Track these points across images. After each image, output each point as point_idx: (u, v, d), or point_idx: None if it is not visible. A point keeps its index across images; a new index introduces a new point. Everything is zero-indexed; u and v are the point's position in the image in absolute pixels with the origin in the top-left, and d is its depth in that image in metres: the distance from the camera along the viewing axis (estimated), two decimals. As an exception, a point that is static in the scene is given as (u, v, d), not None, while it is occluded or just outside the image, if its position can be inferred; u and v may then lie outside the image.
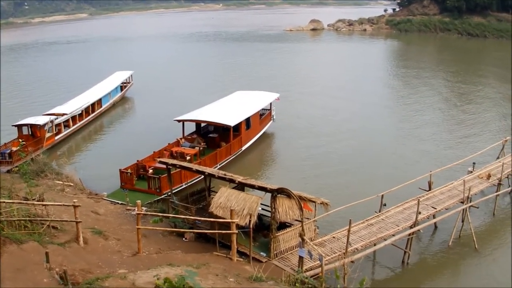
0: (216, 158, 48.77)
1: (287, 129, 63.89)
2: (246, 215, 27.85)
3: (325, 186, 45.43)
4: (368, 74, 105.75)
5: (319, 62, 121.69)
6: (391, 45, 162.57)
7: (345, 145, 58.69)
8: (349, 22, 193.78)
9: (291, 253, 29.94)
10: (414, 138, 62.32)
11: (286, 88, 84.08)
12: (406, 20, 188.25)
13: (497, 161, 47.58)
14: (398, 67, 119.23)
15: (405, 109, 77.16)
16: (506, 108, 78.43)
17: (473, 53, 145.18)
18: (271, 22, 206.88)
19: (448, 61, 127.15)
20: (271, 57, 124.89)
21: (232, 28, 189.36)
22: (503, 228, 40.92)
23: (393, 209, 36.12)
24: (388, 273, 34.26)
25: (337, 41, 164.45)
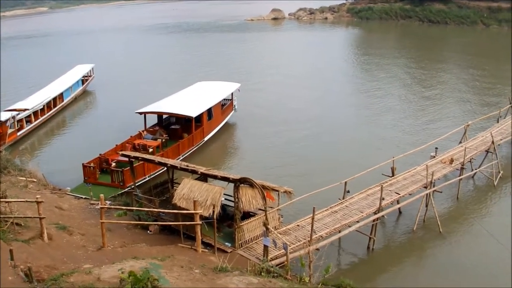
0: (179, 150, 48.65)
1: (249, 118, 64.00)
2: (209, 206, 27.81)
3: (289, 175, 45.61)
4: (330, 62, 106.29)
5: (280, 51, 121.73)
6: (352, 33, 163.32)
7: (308, 133, 58.93)
8: (310, 11, 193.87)
9: (256, 242, 30.05)
10: (377, 125, 62.88)
11: (248, 78, 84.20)
12: (367, 8, 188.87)
13: (459, 146, 48.23)
14: (360, 55, 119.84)
15: (367, 96, 77.75)
16: (467, 93, 79.68)
17: (435, 40, 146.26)
18: (232, 12, 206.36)
19: (409, 48, 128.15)
20: (233, 47, 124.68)
21: (193, 19, 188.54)
22: (467, 212, 41.59)
23: (356, 195, 36.42)
24: (354, 259, 34.56)
25: (298, 29, 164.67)
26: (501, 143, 50.67)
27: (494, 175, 46.55)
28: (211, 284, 20.75)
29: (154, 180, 42.46)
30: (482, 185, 46.93)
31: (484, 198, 44.32)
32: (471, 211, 41.69)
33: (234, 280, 21.36)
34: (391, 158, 40.71)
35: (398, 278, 32.68)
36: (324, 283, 24.06)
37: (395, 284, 31.98)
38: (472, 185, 46.88)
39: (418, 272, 33.55)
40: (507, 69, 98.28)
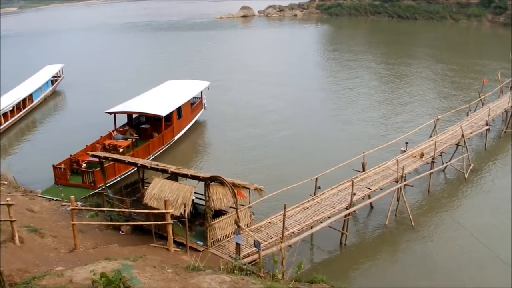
0: (149, 149, 48.58)
1: (219, 117, 64.06)
2: (180, 205, 27.81)
3: (260, 172, 45.95)
4: (300, 59, 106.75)
5: (250, 48, 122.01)
6: (322, 29, 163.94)
7: (279, 130, 59.21)
8: (280, 8, 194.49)
9: (228, 240, 30.09)
10: (347, 121, 63.34)
11: (218, 76, 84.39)
12: (336, 5, 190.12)
13: (429, 140, 48.89)
14: (330, 51, 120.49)
15: (337, 93, 78.31)
16: (437, 88, 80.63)
17: (404, 35, 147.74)
18: (202, 10, 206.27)
19: (379, 44, 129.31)
20: (203, 46, 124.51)
21: (163, 18, 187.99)
22: (439, 205, 42.08)
23: (328, 191, 36.66)
24: (326, 255, 34.79)
25: (268, 27, 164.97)
26: (471, 136, 51.48)
27: (465, 168, 47.17)
28: (183, 283, 20.72)
29: (125, 180, 42.33)
30: (453, 179, 47.50)
31: (456, 191, 44.81)
32: (443, 204, 42.19)
33: (207, 279, 21.33)
34: (361, 153, 41.01)
35: (371, 273, 32.99)
36: (297, 280, 24.13)
37: (369, 278, 32.35)
38: (443, 179, 47.42)
39: (391, 266, 33.91)
40: (476, 63, 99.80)
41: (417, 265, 33.50)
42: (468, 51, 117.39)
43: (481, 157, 52.48)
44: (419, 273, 32.60)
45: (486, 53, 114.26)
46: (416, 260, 34.07)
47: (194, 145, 56.98)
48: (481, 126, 53.26)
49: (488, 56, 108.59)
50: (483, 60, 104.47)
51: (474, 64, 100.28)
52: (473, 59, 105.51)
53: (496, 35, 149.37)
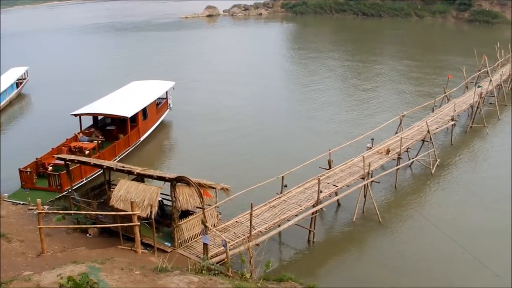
0: (115, 151, 48.42)
1: (185, 117, 63.86)
2: (147, 206, 27.91)
3: (226, 172, 45.85)
4: (266, 57, 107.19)
5: (216, 48, 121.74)
6: (287, 27, 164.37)
7: (245, 130, 59.43)
8: (245, 7, 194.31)
9: (195, 241, 30.29)
10: (313, 118, 63.82)
11: (184, 76, 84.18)
12: (301, 3, 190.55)
13: (395, 136, 49.34)
14: (296, 49, 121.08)
15: (303, 90, 78.75)
16: (402, 84, 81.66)
17: (369, 33, 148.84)
18: (166, 10, 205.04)
19: (345, 41, 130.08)
20: (168, 46, 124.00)
21: (128, 18, 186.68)
22: (406, 201, 42.67)
23: (294, 189, 36.92)
24: (295, 253, 35.02)
25: (233, 26, 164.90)
26: (437, 132, 52.18)
27: (431, 164, 47.86)
28: (152, 284, 20.84)
29: (92, 182, 42.13)
30: (420, 174, 48.13)
31: (422, 187, 45.41)
32: (410, 200, 42.79)
33: (175, 280, 21.48)
34: (327, 151, 41.27)
35: (339, 270, 33.42)
36: (266, 278, 24.32)
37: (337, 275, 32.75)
38: (410, 174, 48.04)
39: (359, 262, 34.23)
40: (441, 59, 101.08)
41: (386, 261, 34.01)
42: (433, 48, 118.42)
43: (447, 152, 53.20)
44: (388, 269, 33.09)
45: (451, 49, 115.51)
46: (384, 256, 34.57)
47: (160, 145, 56.91)
48: (446, 121, 53.93)
49: (453, 52, 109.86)
50: (448, 56, 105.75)
51: (439, 60, 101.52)
52: (438, 55, 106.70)
53: (460, 31, 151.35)
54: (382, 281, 31.78)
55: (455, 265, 33.54)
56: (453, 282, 31.82)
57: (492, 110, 65.70)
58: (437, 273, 32.64)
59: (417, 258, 34.25)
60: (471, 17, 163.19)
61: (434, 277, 32.26)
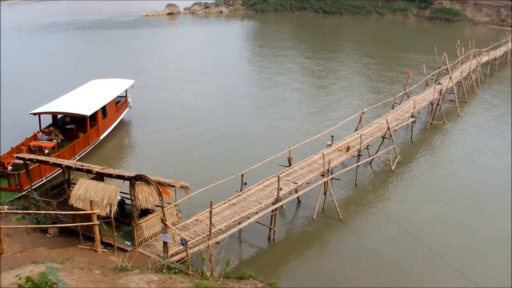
0: (75, 150, 48.20)
1: (145, 115, 63.81)
2: (106, 205, 27.94)
3: (186, 170, 46.20)
4: (227, 55, 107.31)
5: (176, 46, 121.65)
6: (248, 25, 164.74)
7: (205, 128, 59.58)
8: (206, 5, 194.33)
9: (155, 239, 30.30)
10: (273, 116, 64.34)
11: (144, 74, 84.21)
12: (262, 1, 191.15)
13: (355, 133, 49.91)
14: (256, 47, 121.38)
15: (264, 88, 79.23)
16: (363, 81, 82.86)
17: (330, 30, 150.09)
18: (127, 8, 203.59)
19: (305, 39, 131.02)
20: (128, 44, 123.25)
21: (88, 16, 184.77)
22: (366, 198, 43.37)
23: (254, 187, 37.22)
24: (255, 250, 35.42)
25: (194, 24, 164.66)
26: (397, 128, 52.97)
27: (392, 161, 48.64)
28: (111, 284, 20.96)
29: (51, 181, 41.89)
30: (380, 171, 48.88)
31: (383, 183, 46.22)
32: (370, 196, 43.51)
33: (135, 279, 21.63)
34: (287, 148, 41.72)
35: (300, 266, 33.79)
36: (226, 276, 24.59)
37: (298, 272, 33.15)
38: (370, 171, 48.76)
39: (320, 259, 34.76)
40: (401, 57, 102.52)
41: (346, 257, 34.57)
42: (393, 45, 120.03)
43: (407, 149, 54.15)
44: (348, 265, 33.62)
45: (411, 47, 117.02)
46: (345, 252, 35.15)
47: (120, 144, 56.74)
48: (406, 118, 54.85)
49: (414, 50, 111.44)
50: (408, 53, 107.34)
51: (400, 57, 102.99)
52: (399, 53, 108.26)
53: (421, 29, 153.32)
54: (343, 277, 32.34)
55: (414, 260, 34.31)
56: (413, 276, 32.53)
57: (452, 107, 66.97)
58: (397, 268, 33.40)
59: (378, 254, 34.87)
60: (431, 15, 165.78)
61: (394, 271, 32.99)
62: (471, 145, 55.75)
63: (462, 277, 31.95)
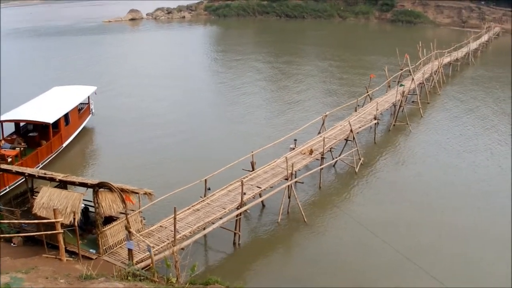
0: (38, 158, 48.01)
1: (107, 122, 63.56)
2: (70, 213, 28.01)
3: (150, 176, 46.17)
4: (189, 61, 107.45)
5: (139, 52, 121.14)
6: (210, 30, 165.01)
7: (169, 133, 59.60)
8: (168, 10, 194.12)
9: (120, 247, 30.43)
10: (236, 120, 64.84)
11: (107, 80, 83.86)
12: (224, 5, 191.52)
13: (318, 136, 50.47)
14: (219, 52, 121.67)
15: (227, 93, 79.79)
16: (325, 84, 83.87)
17: (292, 34, 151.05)
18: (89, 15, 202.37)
19: (268, 43, 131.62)
20: (91, 50, 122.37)
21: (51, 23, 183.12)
22: (330, 200, 43.89)
23: (218, 192, 37.48)
24: (221, 256, 35.74)
25: (156, 29, 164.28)
26: (360, 131, 53.68)
27: (355, 163, 49.28)
28: (76, 293, 21.16)
29: (15, 190, 41.72)
30: (344, 173, 49.52)
31: (347, 186, 46.81)
32: (334, 199, 44.06)
33: (100, 287, 21.81)
34: (250, 152, 42.02)
35: (267, 270, 34.05)
36: (192, 282, 24.66)
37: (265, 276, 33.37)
38: (334, 174, 49.38)
39: (286, 262, 35.14)
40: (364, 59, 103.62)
41: (313, 260, 34.95)
42: (356, 48, 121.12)
43: (370, 151, 54.87)
44: (315, 267, 34.08)
45: (374, 50, 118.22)
46: (311, 255, 35.49)
47: (83, 151, 56.53)
48: (369, 120, 55.60)
49: (376, 52, 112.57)
50: (370, 56, 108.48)
51: (362, 60, 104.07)
52: (361, 56, 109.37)
53: (383, 31, 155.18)
54: (309, 280, 32.72)
55: (380, 260, 34.90)
56: (379, 277, 33.08)
57: (415, 108, 67.85)
58: (363, 269, 33.95)
59: (343, 255, 35.47)
60: (393, 17, 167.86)
61: (360, 272, 33.52)
62: (434, 146, 56.73)
63: (429, 276, 32.59)
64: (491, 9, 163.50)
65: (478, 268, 34.37)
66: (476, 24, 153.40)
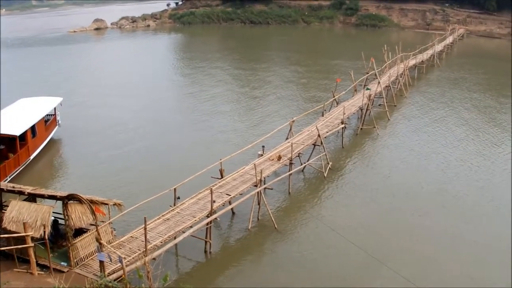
0: (5, 171, 47.71)
1: (74, 133, 63.39)
2: (40, 226, 28.06)
3: (119, 187, 46.39)
4: (155, 69, 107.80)
5: (105, 61, 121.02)
6: (175, 38, 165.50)
7: (136, 143, 59.71)
8: (133, 19, 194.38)
9: (91, 259, 30.40)
10: (204, 128, 65.08)
11: (73, 91, 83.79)
12: (189, 13, 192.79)
13: (286, 142, 50.90)
14: (185, 59, 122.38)
15: (194, 101, 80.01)
16: (291, 90, 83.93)
17: (258, 40, 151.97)
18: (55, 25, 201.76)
19: (233, 50, 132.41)
20: (57, 60, 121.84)
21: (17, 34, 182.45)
22: (300, 205, 44.27)
23: (187, 201, 37.68)
24: (192, 264, 35.82)
25: (121, 38, 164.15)
26: (328, 135, 54.32)
27: (324, 167, 49.77)
28: (49, 307, 21.26)
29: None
30: (313, 178, 49.96)
31: (316, 190, 47.24)
32: (304, 204, 44.45)
33: (73, 300, 21.96)
34: (218, 160, 42.18)
35: (238, 278, 34.33)
36: (165, 292, 24.96)
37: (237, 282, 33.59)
38: (303, 179, 49.77)
39: (258, 269, 35.44)
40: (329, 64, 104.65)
41: (284, 265, 35.25)
42: (321, 53, 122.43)
43: (338, 155, 55.47)
44: (286, 273, 34.36)
45: (339, 54, 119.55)
46: (282, 261, 35.80)
47: (51, 163, 56.34)
48: (337, 125, 56.16)
49: (342, 57, 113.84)
50: (336, 60, 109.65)
51: (328, 65, 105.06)
52: (327, 60, 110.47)
53: (348, 35, 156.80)
54: (282, 286, 33.10)
55: (352, 264, 35.44)
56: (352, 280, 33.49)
57: (382, 112, 68.70)
58: (334, 272, 34.48)
59: (315, 260, 35.80)
60: (358, 21, 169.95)
61: (332, 277, 33.94)
62: (402, 148, 57.58)
63: (400, 277, 33.08)
64: (455, 11, 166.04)
65: (448, 269, 34.94)
66: (441, 26, 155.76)
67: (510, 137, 60.22)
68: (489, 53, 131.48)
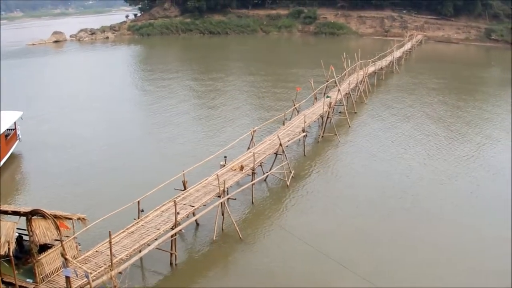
0: (-34, 187, 47.78)
1: (35, 147, 63.10)
2: (4, 243, 27.93)
3: (82, 201, 46.14)
4: (114, 81, 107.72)
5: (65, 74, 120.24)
6: (134, 50, 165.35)
7: (98, 157, 59.59)
8: (91, 31, 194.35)
9: (57, 274, 30.37)
10: (165, 140, 65.28)
11: (33, 105, 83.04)
12: (148, 24, 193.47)
13: (248, 152, 51.37)
14: (145, 71, 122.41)
15: (154, 113, 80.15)
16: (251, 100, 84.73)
17: (216, 50, 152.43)
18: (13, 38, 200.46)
19: (192, 60, 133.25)
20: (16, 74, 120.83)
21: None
22: (264, 215, 44.78)
23: (151, 213, 37.80)
24: (158, 277, 36.01)
25: (81, 51, 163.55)
26: (289, 144, 54.79)
27: (286, 176, 50.40)
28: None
29: None
30: (276, 187, 50.55)
31: (279, 199, 47.76)
32: (268, 213, 44.97)
33: (39, 316, 22.08)
34: (181, 172, 42.48)
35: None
36: (133, 305, 25.20)
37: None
38: (266, 189, 50.28)
39: (224, 280, 35.81)
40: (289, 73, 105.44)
41: (251, 275, 35.75)
42: (280, 62, 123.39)
43: (301, 163, 56.22)
44: (253, 282, 34.75)
45: (298, 62, 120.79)
46: (248, 271, 36.31)
47: (12, 178, 55.89)
48: (298, 133, 56.87)
49: (301, 65, 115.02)
50: (296, 69, 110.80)
51: (287, 73, 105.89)
52: (286, 69, 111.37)
53: (307, 44, 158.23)
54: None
55: (317, 270, 35.93)
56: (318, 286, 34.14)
57: (343, 119, 69.71)
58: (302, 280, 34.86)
59: (282, 269, 36.26)
60: (316, 29, 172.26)
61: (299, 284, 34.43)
62: (364, 155, 58.57)
63: (371, 285, 33.75)
64: (413, 18, 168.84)
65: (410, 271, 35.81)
66: (399, 33, 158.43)
67: (470, 140, 61.63)
68: (447, 58, 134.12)
